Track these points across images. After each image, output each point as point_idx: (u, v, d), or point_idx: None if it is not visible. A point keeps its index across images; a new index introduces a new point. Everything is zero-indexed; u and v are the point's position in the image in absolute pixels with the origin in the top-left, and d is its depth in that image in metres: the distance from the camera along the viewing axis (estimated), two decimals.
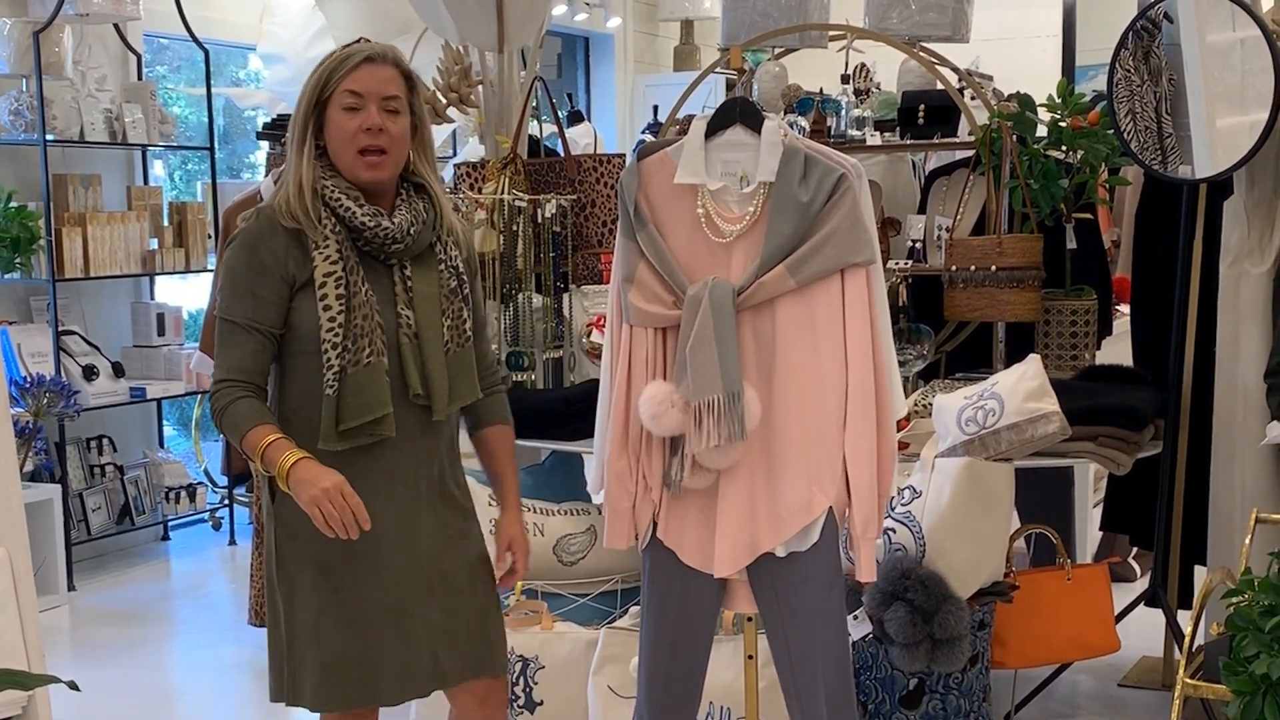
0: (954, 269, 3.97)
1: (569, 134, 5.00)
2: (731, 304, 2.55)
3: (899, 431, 3.02)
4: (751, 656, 2.92)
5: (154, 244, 6.03)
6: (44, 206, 5.54)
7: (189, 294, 6.75)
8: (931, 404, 3.54)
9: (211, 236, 6.20)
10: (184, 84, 7.44)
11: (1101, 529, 4.79)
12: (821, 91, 4.60)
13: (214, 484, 6.54)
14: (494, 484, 2.70)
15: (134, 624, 5.12)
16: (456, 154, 6.97)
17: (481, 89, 4.61)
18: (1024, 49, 8.22)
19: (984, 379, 3.58)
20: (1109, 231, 5.40)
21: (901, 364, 3.62)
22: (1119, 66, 3.71)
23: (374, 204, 2.46)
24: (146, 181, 6.28)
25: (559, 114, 4.78)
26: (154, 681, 4.57)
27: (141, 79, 6.20)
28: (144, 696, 4.38)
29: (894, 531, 3.34)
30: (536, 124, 4.80)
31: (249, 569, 4.59)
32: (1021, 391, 3.35)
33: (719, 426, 2.54)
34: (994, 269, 3.88)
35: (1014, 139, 3.97)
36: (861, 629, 3.30)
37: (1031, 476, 3.69)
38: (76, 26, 5.72)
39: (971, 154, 4.18)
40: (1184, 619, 3.52)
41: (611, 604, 3.78)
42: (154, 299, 6.27)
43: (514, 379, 4.04)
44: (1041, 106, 4.07)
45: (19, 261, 5.48)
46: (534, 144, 4.68)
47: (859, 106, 4.47)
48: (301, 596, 2.48)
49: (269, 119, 5.44)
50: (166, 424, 6.61)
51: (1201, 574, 3.89)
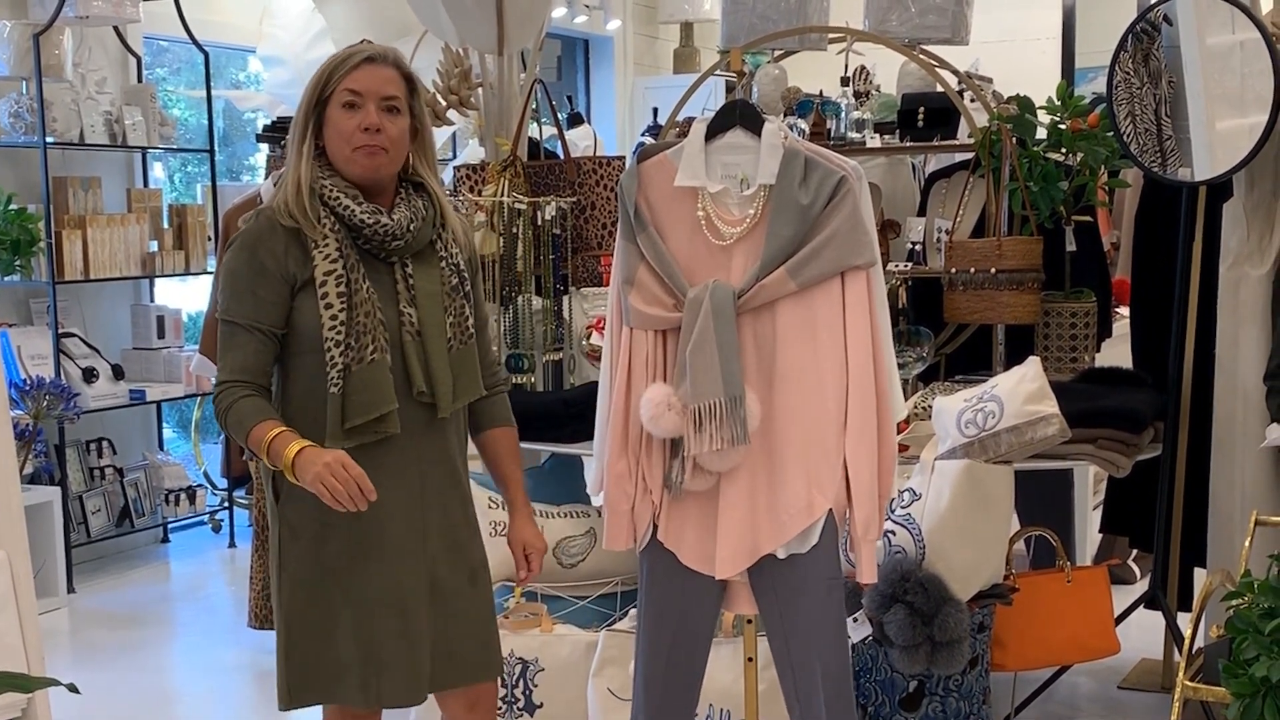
0: (953, 271, 3.97)
1: (569, 136, 4.99)
2: (732, 307, 2.55)
3: (899, 434, 3.02)
4: (751, 659, 2.92)
5: (154, 246, 6.03)
6: (44, 209, 5.54)
7: (189, 296, 6.75)
8: (931, 406, 3.54)
9: (211, 239, 6.19)
10: (184, 86, 7.44)
11: (1101, 531, 4.79)
12: (821, 94, 4.60)
13: (214, 486, 6.54)
14: (501, 486, 2.69)
15: (133, 626, 5.12)
16: (456, 156, 6.96)
17: (481, 91, 4.61)
18: (1023, 51, 8.21)
19: (984, 381, 3.58)
20: (1108, 234, 5.41)
21: (901, 366, 3.63)
22: (1118, 69, 3.71)
23: (373, 202, 2.46)
24: (146, 184, 6.29)
25: (559, 116, 4.78)
26: (153, 684, 4.57)
27: (141, 81, 6.20)
28: (143, 699, 4.37)
29: (894, 534, 3.34)
30: (536, 126, 4.80)
31: (249, 571, 4.59)
32: (1021, 394, 3.35)
33: (721, 430, 2.54)
34: (993, 271, 3.88)
35: (1013, 141, 3.97)
36: (861, 631, 3.30)
37: (1031, 479, 3.69)
38: (76, 29, 5.72)
39: (971, 156, 4.18)
40: (1184, 621, 3.52)
41: (611, 606, 3.78)
42: (154, 301, 6.27)
43: (514, 381, 4.04)
44: (1041, 109, 4.07)
45: (19, 264, 5.47)
46: (534, 146, 4.68)
47: (859, 109, 4.47)
48: (306, 596, 2.48)
49: (269, 121, 5.43)
50: (166, 426, 6.61)
51: (1201, 576, 3.89)
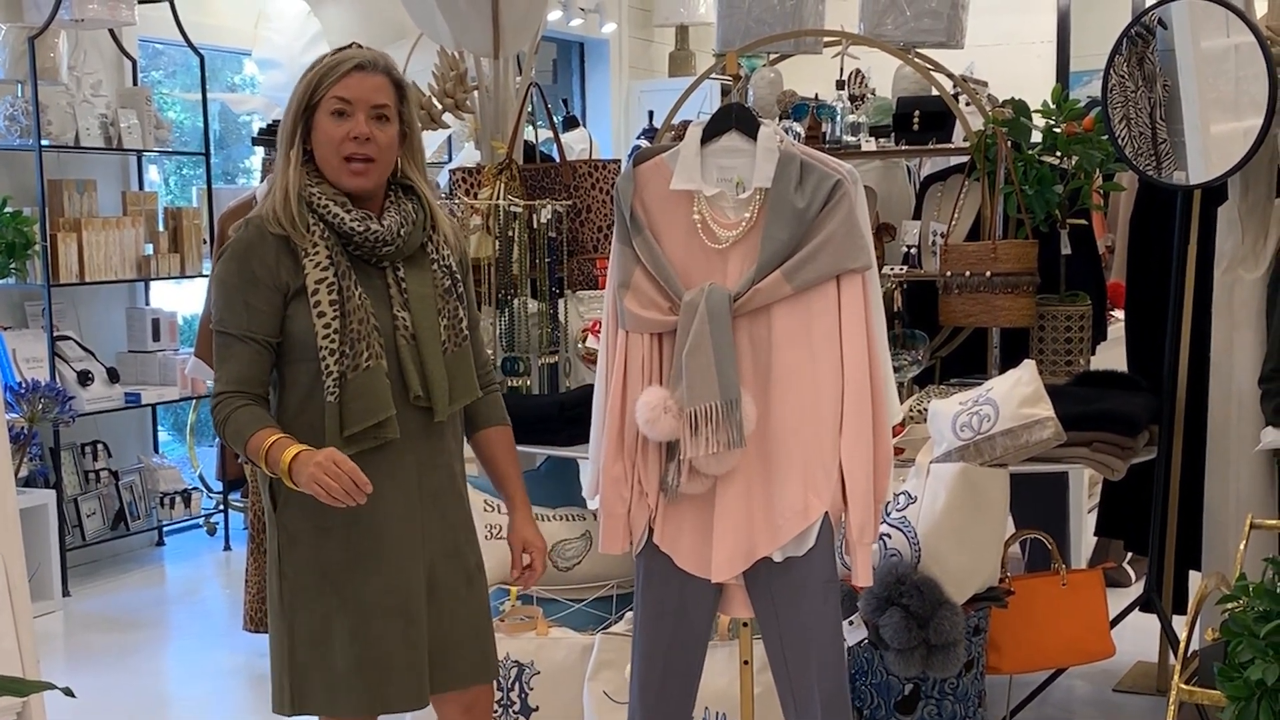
0: (949, 274, 3.97)
1: (564, 139, 4.99)
2: (728, 310, 2.55)
3: (894, 437, 3.02)
4: (747, 661, 2.92)
5: (149, 249, 6.02)
6: (39, 212, 5.54)
7: (184, 299, 6.74)
8: (927, 409, 3.54)
9: (207, 242, 6.19)
10: (179, 89, 7.43)
11: (1096, 534, 4.80)
12: (816, 97, 4.60)
13: (209, 489, 6.53)
14: (499, 485, 2.69)
15: (129, 630, 5.12)
16: (452, 159, 6.97)
17: (477, 95, 4.62)
18: (1019, 55, 8.22)
19: (979, 384, 3.58)
20: (1103, 237, 5.42)
21: (896, 369, 3.62)
22: (1113, 72, 3.72)
23: (362, 208, 2.46)
24: (142, 187, 6.28)
25: (554, 120, 4.79)
26: (149, 687, 4.57)
27: (137, 84, 6.19)
28: (139, 702, 4.37)
29: (889, 537, 3.34)
30: (532, 130, 4.80)
31: (244, 574, 4.59)
32: (1016, 397, 3.35)
33: (717, 434, 2.54)
34: (989, 274, 3.89)
35: (1009, 145, 3.97)
36: (857, 634, 3.30)
37: (1026, 482, 3.69)
38: (72, 32, 5.72)
39: (966, 160, 4.19)
40: (1179, 624, 3.52)
41: (607, 609, 3.78)
42: (149, 304, 6.27)
43: (509, 384, 4.04)
44: (1036, 112, 4.07)
45: (14, 267, 5.47)
46: (529, 149, 4.68)
47: (854, 112, 4.47)
48: (305, 603, 2.47)
49: (264, 124, 5.44)
50: (161, 429, 6.60)
51: (1196, 579, 3.89)
